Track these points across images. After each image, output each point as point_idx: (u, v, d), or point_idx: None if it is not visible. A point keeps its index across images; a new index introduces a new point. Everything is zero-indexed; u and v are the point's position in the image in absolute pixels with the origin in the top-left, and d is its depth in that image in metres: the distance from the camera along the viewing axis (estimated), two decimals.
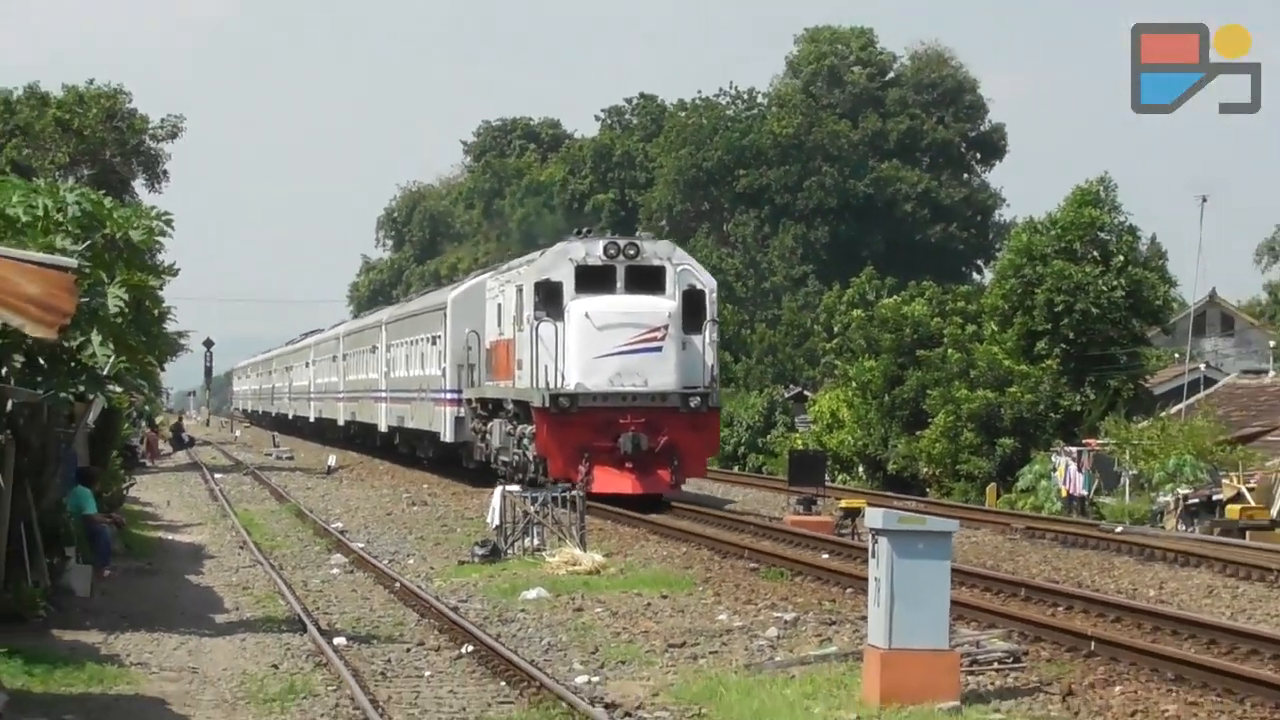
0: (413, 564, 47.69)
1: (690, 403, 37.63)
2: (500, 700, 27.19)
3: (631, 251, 39.46)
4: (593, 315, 36.23)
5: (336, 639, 32.57)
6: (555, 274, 39.17)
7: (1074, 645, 30.14)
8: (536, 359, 38.31)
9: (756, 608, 35.81)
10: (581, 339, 36.85)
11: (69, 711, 25.21)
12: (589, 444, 35.74)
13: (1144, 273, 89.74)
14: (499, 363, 51.82)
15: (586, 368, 37.03)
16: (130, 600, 38.38)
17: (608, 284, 38.12)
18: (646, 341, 36.48)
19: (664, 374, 37.12)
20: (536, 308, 39.65)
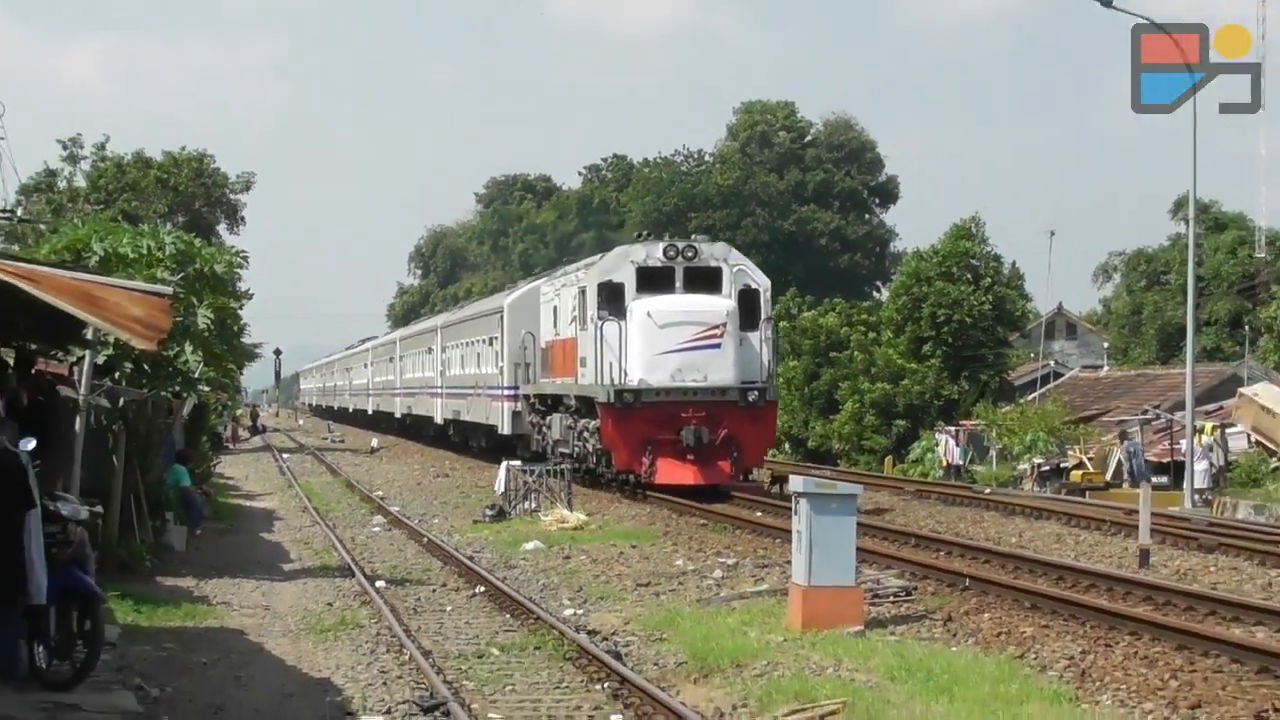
0: (437, 523, 47.59)
1: (749, 397, 34.25)
2: (506, 629, 27.49)
3: (690, 254, 36.12)
4: (654, 314, 33.47)
5: (378, 582, 32.98)
6: (617, 275, 35.97)
7: (953, 582, 30.25)
8: (601, 356, 35.15)
9: (705, 555, 35.80)
10: (644, 337, 33.63)
11: (169, 641, 25.14)
12: (652, 437, 32.89)
13: (1006, 290, 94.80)
14: (555, 361, 47.50)
15: (649, 364, 33.73)
16: (216, 554, 39.00)
17: (667, 284, 35.20)
18: (706, 339, 33.17)
19: (723, 369, 33.94)
20: (599, 308, 36.32)
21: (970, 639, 24.40)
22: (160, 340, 22.95)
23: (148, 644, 24.30)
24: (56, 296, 17.36)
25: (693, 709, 19.43)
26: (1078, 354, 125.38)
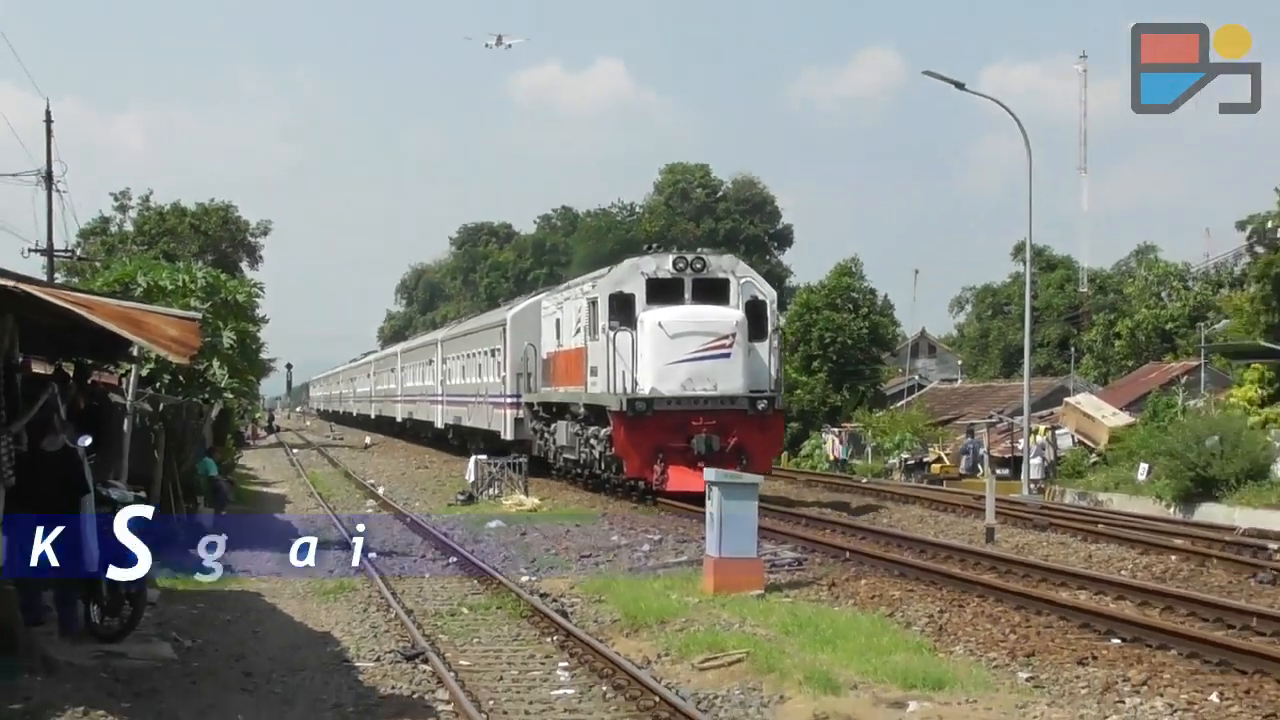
0: (418, 505, 47.86)
1: (758, 405, 31.58)
2: (474, 592, 28.04)
3: (698, 265, 33.07)
4: (665, 324, 30.68)
5: (370, 554, 32.37)
6: (628, 286, 32.83)
7: (835, 554, 31.13)
8: (613, 366, 32.28)
9: (636, 532, 35.96)
10: (655, 347, 30.75)
11: (200, 602, 25.55)
12: (663, 445, 30.37)
13: (880, 318, 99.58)
14: (558, 371, 43.53)
15: (660, 373, 30.86)
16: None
17: (676, 295, 32.34)
18: (716, 348, 30.46)
19: (732, 379, 31.03)
20: (610, 318, 33.00)
21: (849, 601, 25.09)
22: (192, 356, 23.27)
23: (182, 604, 24.77)
24: (107, 320, 17.48)
25: (625, 658, 19.59)
26: (937, 370, 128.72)
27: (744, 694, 17.82)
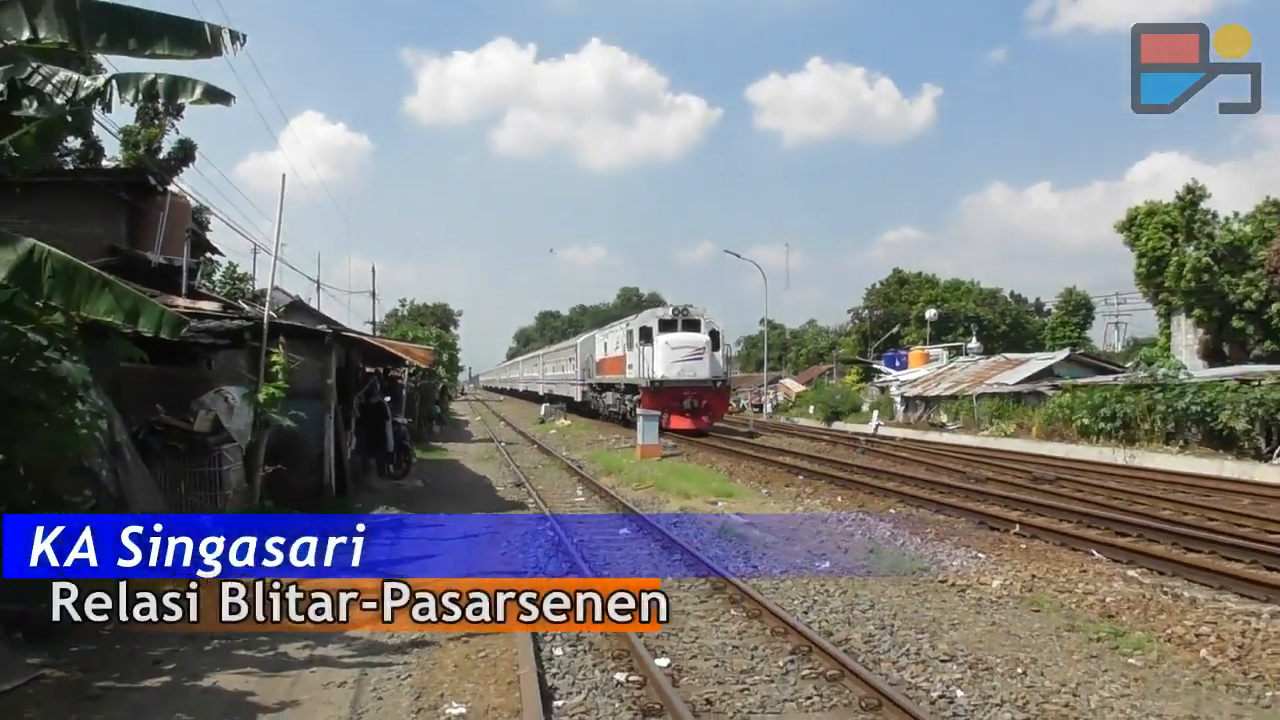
0: (522, 424, 45.19)
1: (717, 384, 32.64)
2: (543, 461, 27.49)
3: (685, 313, 33.98)
4: (669, 342, 32.06)
5: (502, 444, 33.23)
6: (648, 323, 33.82)
7: (692, 442, 30.13)
8: (641, 364, 32.93)
9: (610, 435, 34.07)
10: (664, 353, 31.83)
11: (430, 464, 26.11)
12: (668, 404, 30.90)
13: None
14: (604, 368, 42.20)
15: (667, 368, 31.67)
16: (448, 434, 38.97)
17: (674, 328, 33.29)
18: (695, 355, 31.99)
19: (704, 371, 32.06)
20: (640, 339, 33.67)
21: (695, 461, 25.10)
22: (430, 365, 25.27)
23: (426, 464, 25.45)
24: (396, 350, 20.01)
25: (604, 485, 20.16)
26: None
27: (652, 500, 18.16)
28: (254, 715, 6.55)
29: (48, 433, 8.14)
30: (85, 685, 7.02)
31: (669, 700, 6.70)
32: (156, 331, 7.54)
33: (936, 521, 15.17)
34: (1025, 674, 7.55)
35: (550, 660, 7.85)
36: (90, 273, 7.42)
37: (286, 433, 13.91)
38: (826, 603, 9.93)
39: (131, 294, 7.52)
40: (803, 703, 6.92)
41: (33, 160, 8.89)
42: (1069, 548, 12.91)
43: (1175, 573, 11.25)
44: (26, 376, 7.98)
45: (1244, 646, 8.15)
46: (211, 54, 8.48)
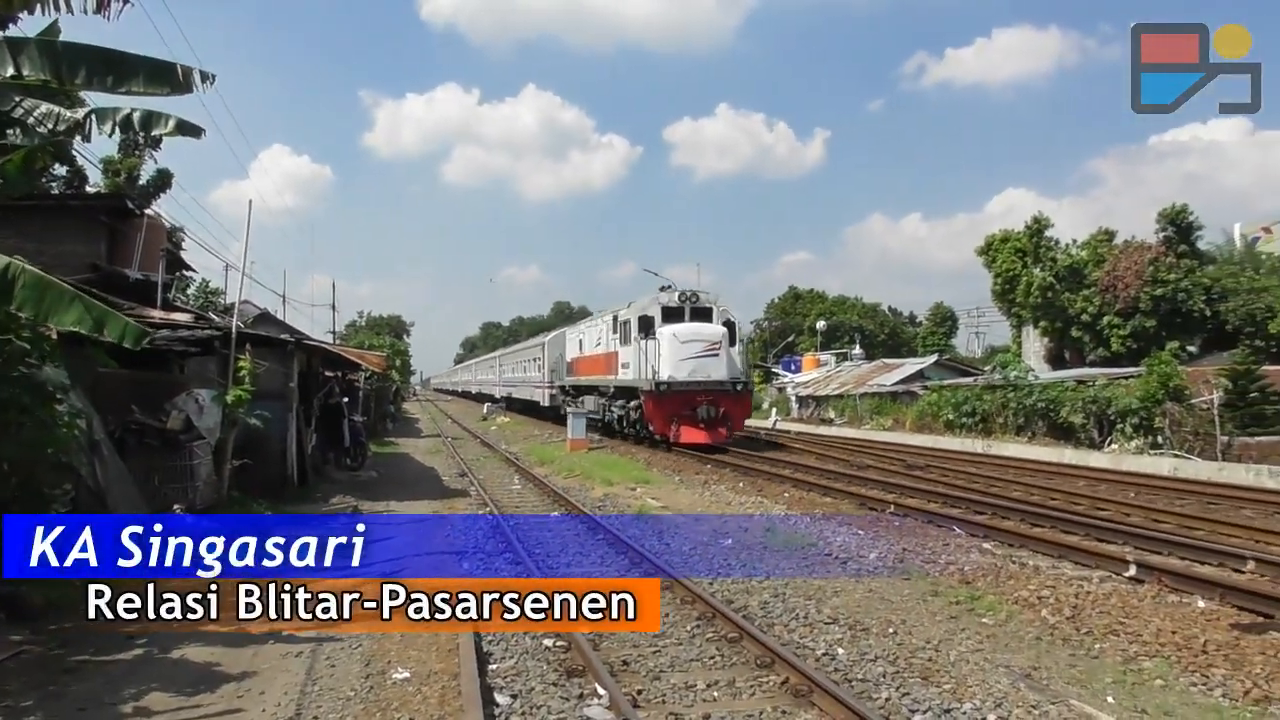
0: (465, 421, 44.21)
1: (737, 387, 25.18)
2: (485, 454, 27.07)
3: (694, 299, 26.78)
4: (678, 334, 25.00)
5: (449, 439, 32.45)
6: (650, 311, 26.46)
7: (613, 436, 28.82)
8: (643, 362, 25.67)
9: (544, 430, 34.25)
10: (671, 349, 24.79)
11: (385, 455, 25.72)
12: (676, 412, 24.57)
13: None
14: (582, 368, 33.65)
15: (674, 366, 24.76)
16: (400, 430, 38.04)
17: (680, 317, 26.10)
18: (710, 351, 24.84)
19: (720, 370, 24.93)
20: (639, 331, 26.29)
21: (617, 454, 24.71)
22: (384, 369, 24.83)
23: (379, 457, 24.95)
24: (354, 356, 19.75)
25: (538, 474, 19.85)
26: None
27: (579, 486, 17.86)
28: (219, 683, 6.39)
29: (30, 432, 7.95)
30: (63, 659, 6.84)
31: (590, 662, 6.67)
32: (121, 340, 7.35)
33: (824, 503, 15.21)
34: (896, 633, 7.63)
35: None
36: (60, 287, 7.19)
37: (253, 430, 13.75)
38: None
39: (99, 307, 7.29)
40: (706, 662, 6.90)
41: (17, 185, 8.68)
42: (935, 525, 13.00)
43: (1023, 545, 11.38)
44: (10, 381, 7.76)
45: (1077, 607, 8.32)
46: (183, 91, 8.30)
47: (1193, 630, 7.54)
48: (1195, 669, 6.68)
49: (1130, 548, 10.88)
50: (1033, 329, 47.61)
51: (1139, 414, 24.22)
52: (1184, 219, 42.77)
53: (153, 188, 32.55)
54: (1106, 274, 42.28)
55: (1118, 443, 24.32)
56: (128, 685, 6.34)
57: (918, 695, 6.16)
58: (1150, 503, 15.05)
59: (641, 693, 6.24)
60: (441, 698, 6.11)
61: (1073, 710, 5.92)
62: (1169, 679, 6.53)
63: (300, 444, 16.76)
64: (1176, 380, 24.32)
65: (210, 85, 8.36)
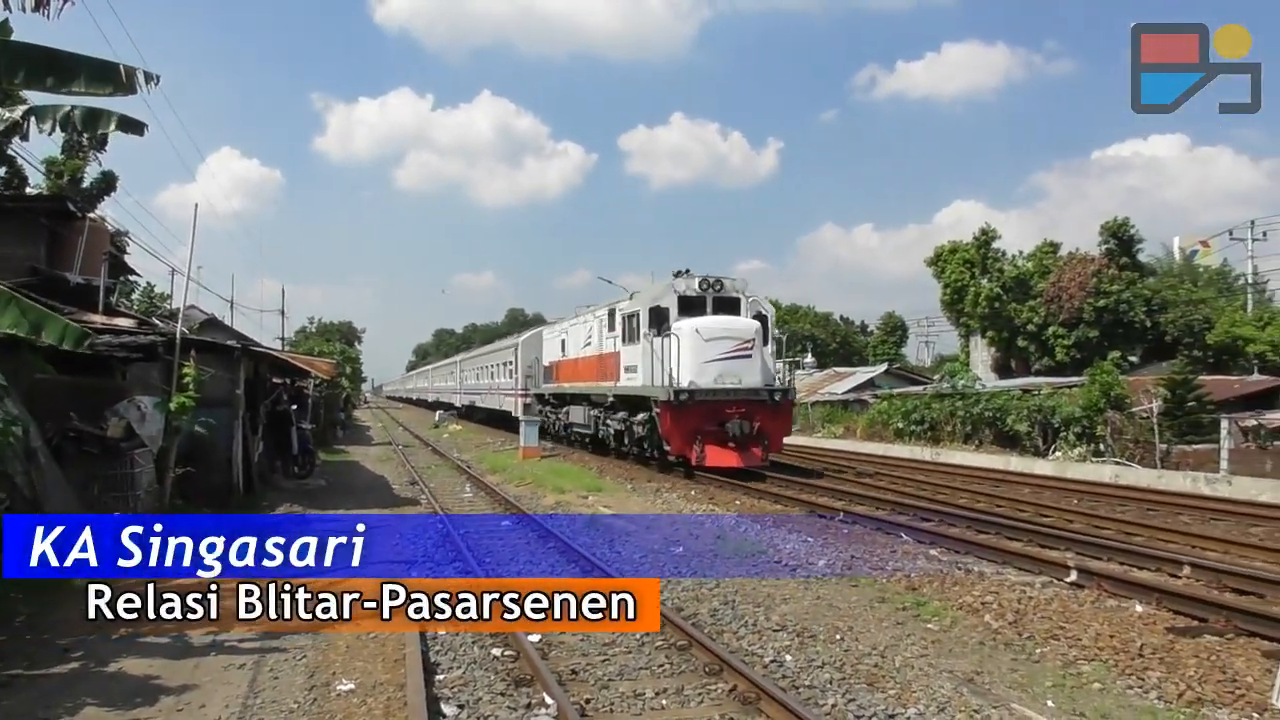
0: (415, 428, 44.14)
1: (775, 397, 20.48)
2: (436, 461, 26.97)
3: (718, 286, 22.04)
4: (701, 330, 20.54)
5: (400, 447, 32.60)
6: (664, 302, 21.77)
7: (569, 445, 28.07)
8: (655, 364, 21.05)
9: (497, 439, 33.24)
10: (693, 348, 20.23)
11: (335, 463, 25.46)
12: (700, 428, 20.03)
13: None
14: (565, 373, 28.55)
15: (698, 370, 20.16)
16: (351, 438, 37.29)
17: (700, 309, 21.57)
18: (740, 350, 20.34)
19: (753, 375, 20.46)
20: (650, 326, 21.57)
21: (569, 461, 24.40)
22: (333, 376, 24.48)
23: (329, 466, 24.75)
24: (302, 363, 19.48)
25: (490, 482, 19.87)
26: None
27: (531, 495, 17.88)
28: (157, 696, 6.26)
29: None
30: None
31: (538, 671, 6.63)
32: (60, 343, 7.19)
33: (774, 511, 15.26)
34: (843, 640, 7.66)
35: (434, 639, 7.66)
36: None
37: (197, 438, 13.55)
38: (679, 582, 9.89)
39: (37, 309, 7.13)
40: (655, 670, 6.90)
41: None
42: (884, 531, 13.09)
43: (968, 551, 11.48)
44: None
45: (1020, 611, 8.44)
46: (126, 92, 8.16)
47: (1130, 634, 7.67)
48: (1132, 672, 6.81)
49: (1072, 553, 11.03)
50: (980, 339, 48.32)
51: (1082, 422, 24.69)
52: (1125, 232, 43.79)
53: (96, 190, 31.80)
54: (1051, 285, 43.10)
55: (1061, 450, 24.76)
56: (63, 700, 6.18)
57: (863, 701, 6.21)
58: (1092, 509, 15.31)
59: (590, 701, 6.21)
60: (387, 709, 6.05)
61: (1014, 714, 6.01)
62: (1106, 682, 6.66)
63: (246, 452, 16.50)
64: (1118, 389, 24.84)
65: (155, 86, 8.23)
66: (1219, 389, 26.61)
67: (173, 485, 12.78)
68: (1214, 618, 8.04)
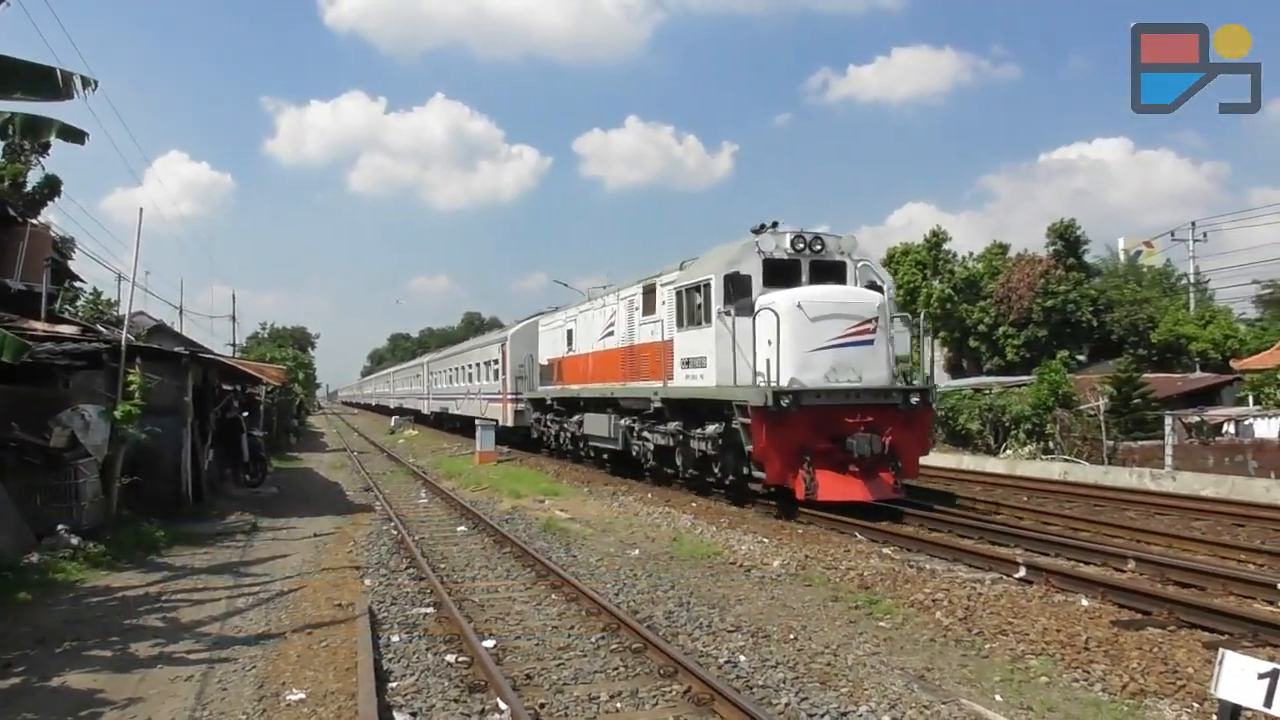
0: (371, 434, 43.81)
1: (911, 399, 12.70)
2: (391, 467, 26.83)
3: (818, 246, 14.27)
4: (806, 305, 12.46)
5: (355, 453, 32.35)
6: (744, 267, 13.70)
7: (521, 449, 27.81)
8: (735, 354, 13.09)
9: (452, 444, 33.00)
10: (794, 331, 12.18)
11: (288, 471, 25.24)
12: (807, 444, 12.16)
13: None
14: (573, 372, 22.89)
15: (801, 362, 12.26)
16: (305, 445, 37.04)
17: (793, 278, 13.87)
18: (859, 334, 12.59)
19: (877, 368, 12.84)
20: (726, 299, 13.56)
21: (527, 466, 24.21)
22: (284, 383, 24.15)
23: (281, 473, 24.52)
24: (254, 370, 19.21)
25: (445, 488, 19.83)
26: None
27: (487, 500, 17.89)
28: (101, 711, 6.11)
29: None
30: None
31: (492, 677, 6.59)
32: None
33: (730, 512, 15.31)
34: (797, 639, 7.67)
35: (387, 647, 7.57)
36: None
37: (144, 446, 13.31)
38: (634, 585, 9.89)
39: None
40: (610, 673, 6.87)
41: None
42: (838, 531, 13.09)
43: (920, 549, 11.57)
44: None
45: (970, 608, 8.52)
46: (64, 97, 8.01)
47: (1076, 628, 7.79)
48: (1078, 665, 6.91)
49: (1021, 550, 11.17)
50: (933, 339, 48.92)
51: (1031, 420, 25.14)
52: (1072, 233, 44.64)
53: (39, 195, 31.12)
54: (1001, 286, 43.77)
55: (1012, 448, 25.18)
56: (3, 716, 6.01)
57: (816, 700, 6.24)
58: (1041, 506, 15.53)
59: (544, 706, 6.18)
60: (338, 718, 5.98)
61: (963, 709, 6.08)
62: (1053, 675, 6.76)
63: (196, 460, 16.26)
64: (1065, 388, 25.33)
65: (93, 91, 8.08)
66: (1163, 386, 27.24)
67: (119, 495, 12.57)
68: (1157, 611, 8.18)
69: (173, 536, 12.78)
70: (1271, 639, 7.33)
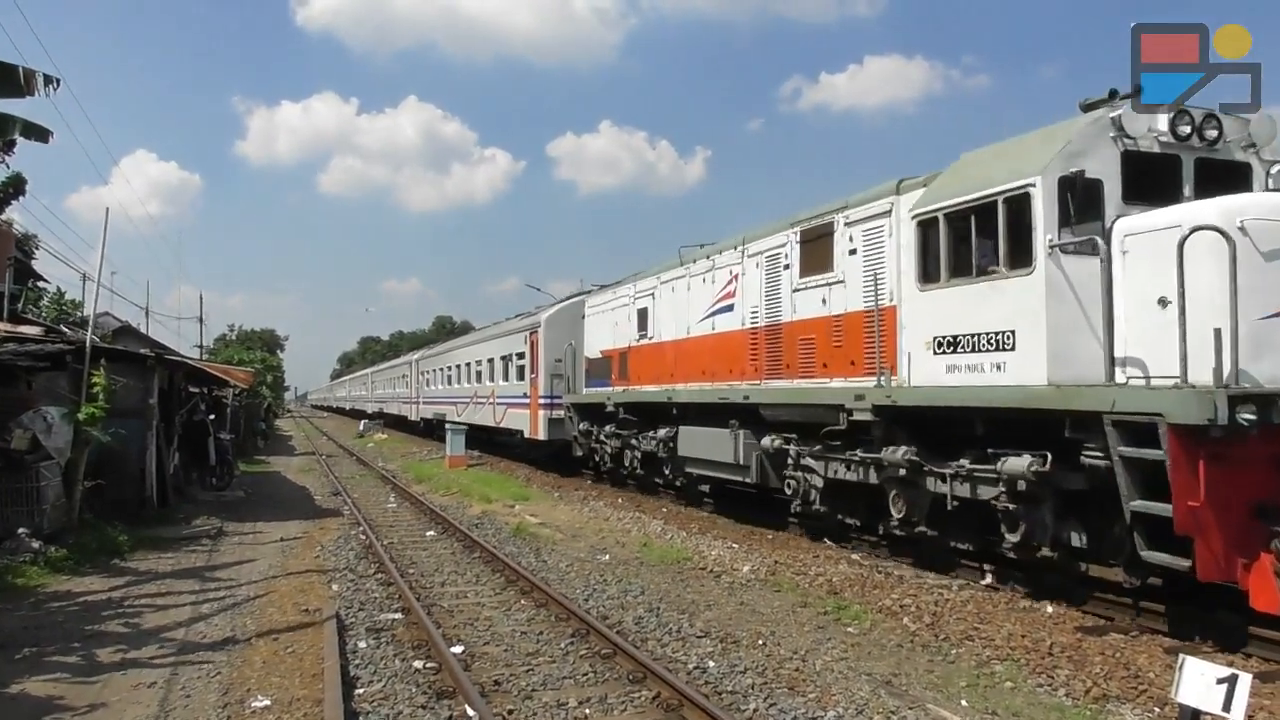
0: (340, 438, 43.82)
1: None
2: (361, 472, 26.67)
3: (1211, 132, 6.30)
4: (1252, 229, 4.02)
5: (323, 457, 32.24)
6: (1093, 164, 5.60)
7: (492, 455, 27.77)
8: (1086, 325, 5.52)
9: (424, 448, 33.06)
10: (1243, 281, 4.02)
11: (255, 473, 25.12)
12: (1264, 501, 4.29)
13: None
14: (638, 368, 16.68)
15: (1255, 345, 4.14)
16: (273, 448, 37.17)
17: (1166, 189, 5.87)
18: None
19: None
20: (1062, 225, 5.72)
21: (497, 471, 24.24)
22: (252, 386, 23.95)
23: (249, 477, 24.39)
24: (220, 373, 19.04)
25: (415, 492, 19.74)
26: None
27: (457, 504, 17.85)
28: (61, 719, 5.99)
29: None
30: None
31: (460, 683, 6.55)
32: None
33: (700, 518, 15.35)
34: (765, 645, 7.67)
35: (354, 652, 7.49)
36: None
37: (108, 449, 13.12)
38: (604, 590, 9.88)
39: None
40: (579, 679, 6.84)
41: None
42: (808, 536, 13.02)
43: (889, 555, 11.54)
44: None
45: (936, 614, 8.56)
46: (24, 95, 7.89)
47: (1041, 634, 7.84)
48: (1042, 670, 6.97)
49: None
50: None
51: None
52: None
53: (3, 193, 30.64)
54: None
55: None
56: None
57: (784, 705, 6.25)
58: None
59: (513, 712, 6.14)
60: None
61: (929, 714, 6.10)
62: (1018, 680, 6.81)
63: (161, 463, 16.06)
64: None
65: (55, 89, 7.98)
66: None
67: (82, 499, 12.38)
68: (1120, 617, 8.26)
69: (137, 541, 12.65)
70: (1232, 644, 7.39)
